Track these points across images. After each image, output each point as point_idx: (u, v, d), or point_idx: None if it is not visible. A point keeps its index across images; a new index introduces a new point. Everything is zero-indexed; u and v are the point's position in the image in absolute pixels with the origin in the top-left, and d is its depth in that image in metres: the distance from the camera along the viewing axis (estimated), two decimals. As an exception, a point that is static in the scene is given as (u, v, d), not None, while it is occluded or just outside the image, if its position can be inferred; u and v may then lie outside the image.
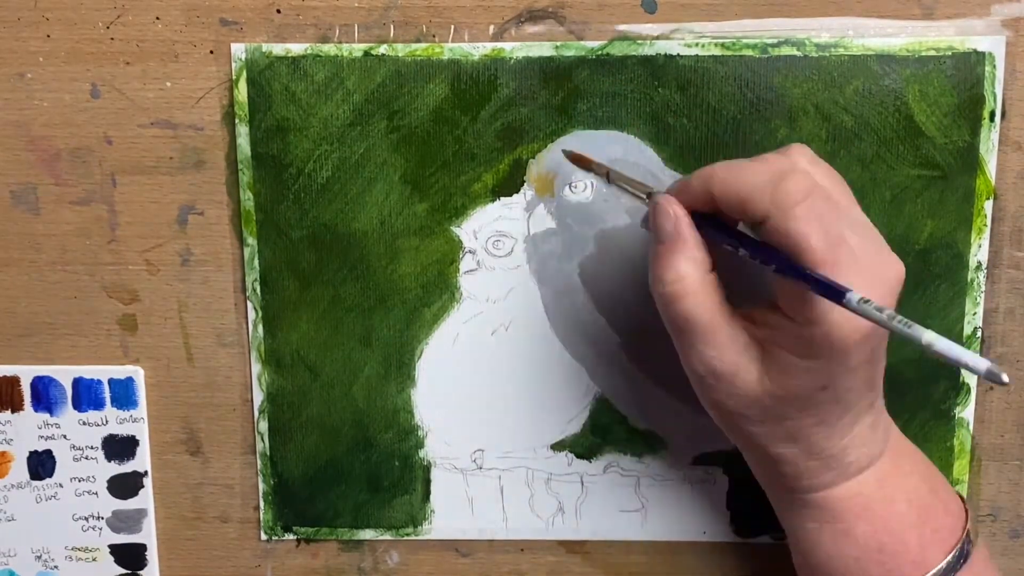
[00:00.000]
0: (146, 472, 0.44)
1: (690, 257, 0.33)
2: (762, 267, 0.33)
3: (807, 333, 0.31)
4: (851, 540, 0.35)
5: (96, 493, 0.44)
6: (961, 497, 0.37)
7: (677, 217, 0.34)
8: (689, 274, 0.33)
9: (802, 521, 0.36)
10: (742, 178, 0.32)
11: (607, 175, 0.39)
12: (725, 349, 0.33)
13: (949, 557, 0.34)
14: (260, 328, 0.42)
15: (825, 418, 0.33)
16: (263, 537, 0.45)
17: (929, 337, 0.28)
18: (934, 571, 0.34)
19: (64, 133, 0.41)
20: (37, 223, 0.42)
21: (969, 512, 0.36)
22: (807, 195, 0.31)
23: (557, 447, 0.43)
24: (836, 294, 0.30)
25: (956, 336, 0.41)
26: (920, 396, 0.42)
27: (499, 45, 0.39)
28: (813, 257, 0.31)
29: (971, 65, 0.39)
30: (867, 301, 0.29)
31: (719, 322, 0.33)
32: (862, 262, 0.31)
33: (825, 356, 0.32)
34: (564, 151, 0.40)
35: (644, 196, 0.37)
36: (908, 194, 0.40)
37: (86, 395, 0.43)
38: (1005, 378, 0.27)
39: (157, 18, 0.40)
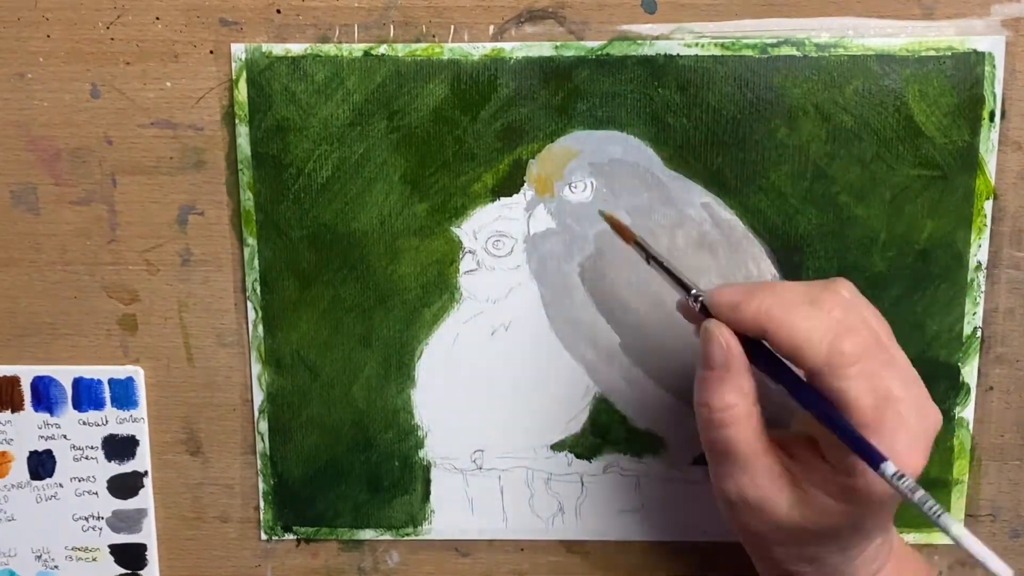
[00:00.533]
0: (146, 472, 0.44)
1: (738, 388, 0.33)
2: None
3: (847, 482, 0.32)
4: None
5: (96, 493, 0.44)
6: None
7: (729, 347, 0.33)
8: (736, 405, 0.33)
9: None
10: (798, 325, 0.32)
11: (647, 258, 0.37)
12: (760, 478, 0.33)
13: None
14: (260, 328, 0.42)
15: (846, 546, 0.34)
16: (263, 537, 0.45)
17: (957, 531, 0.29)
18: None
19: (64, 133, 0.41)
20: (37, 223, 0.42)
21: None
22: (861, 357, 0.31)
23: (557, 447, 0.43)
24: (874, 459, 0.30)
25: (955, 336, 0.41)
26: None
27: (499, 45, 0.39)
28: (861, 418, 0.31)
29: (971, 65, 0.39)
30: (902, 477, 0.30)
31: (758, 453, 0.33)
32: (907, 421, 0.31)
33: (864, 505, 0.32)
34: (602, 213, 0.39)
35: (685, 293, 0.35)
36: (908, 194, 0.40)
37: (86, 395, 0.43)
38: None
39: (157, 18, 0.40)
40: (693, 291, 0.35)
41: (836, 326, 0.32)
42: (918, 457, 0.31)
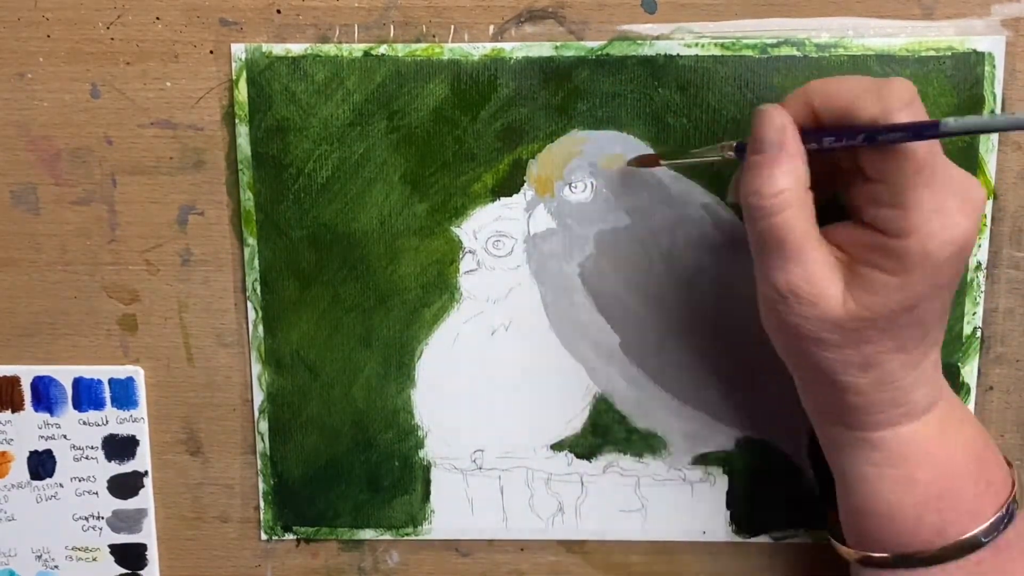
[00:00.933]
0: (146, 472, 0.44)
1: (792, 170, 0.32)
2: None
3: (900, 246, 0.31)
4: (912, 487, 0.34)
5: (96, 493, 0.44)
6: (1007, 459, 0.36)
7: (783, 127, 0.32)
8: (790, 188, 0.32)
9: (860, 463, 0.35)
10: (845, 85, 0.32)
11: (682, 163, 0.38)
12: (813, 267, 0.32)
13: (1000, 512, 0.34)
14: (260, 328, 0.42)
15: (905, 343, 0.33)
16: (263, 537, 0.45)
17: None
18: (986, 524, 0.34)
19: (64, 133, 0.41)
20: (37, 223, 0.42)
21: (1015, 471, 0.36)
22: (912, 99, 0.31)
23: (557, 447, 0.43)
24: (931, 126, 0.30)
25: (955, 336, 0.41)
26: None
27: (499, 45, 0.39)
28: (916, 160, 0.31)
29: (971, 65, 0.39)
30: (962, 120, 0.29)
31: (811, 241, 0.32)
32: (955, 176, 0.32)
33: (918, 269, 0.31)
34: (630, 163, 0.39)
35: (719, 150, 0.36)
36: (908, 194, 0.40)
37: (86, 395, 0.43)
38: None
39: (157, 18, 0.40)
40: (728, 145, 0.35)
41: (882, 80, 0.32)
42: (970, 217, 0.31)
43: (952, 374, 0.41)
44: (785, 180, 0.32)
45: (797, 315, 0.33)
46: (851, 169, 0.33)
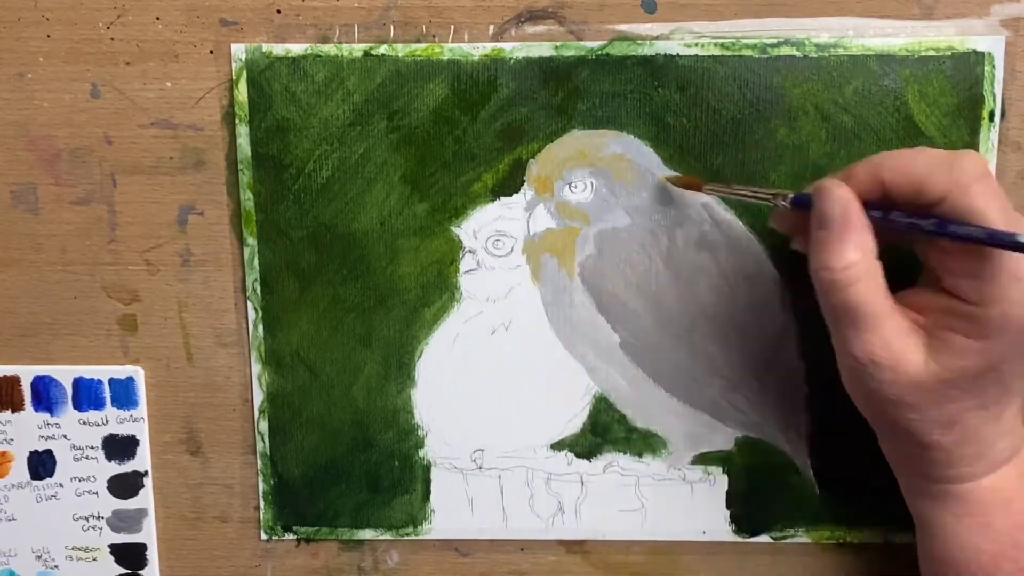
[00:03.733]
0: (146, 472, 0.44)
1: (859, 243, 0.33)
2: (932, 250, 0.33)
3: (981, 313, 0.31)
4: (990, 534, 0.34)
5: (96, 493, 0.44)
6: None
7: (847, 201, 0.33)
8: (859, 261, 0.32)
9: (940, 512, 0.35)
10: (916, 160, 0.33)
11: (729, 194, 0.37)
12: (890, 335, 0.33)
13: None
14: (260, 328, 0.42)
15: (986, 401, 0.33)
16: (263, 537, 0.45)
17: None
18: None
19: (64, 133, 0.41)
20: (37, 223, 0.42)
21: None
22: (984, 174, 0.32)
23: (557, 447, 0.43)
24: (1007, 237, 0.30)
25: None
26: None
27: (499, 45, 0.39)
28: (995, 228, 0.31)
29: (971, 65, 0.39)
30: None
31: (885, 309, 0.33)
32: None
33: (999, 335, 0.32)
34: (667, 179, 0.39)
35: (770, 197, 0.36)
36: (908, 194, 0.40)
37: (86, 395, 0.43)
38: None
39: (157, 18, 0.40)
40: (782, 193, 0.35)
41: (953, 154, 0.32)
42: None
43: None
44: (853, 254, 0.32)
45: (879, 381, 0.33)
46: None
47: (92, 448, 0.44)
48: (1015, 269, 0.31)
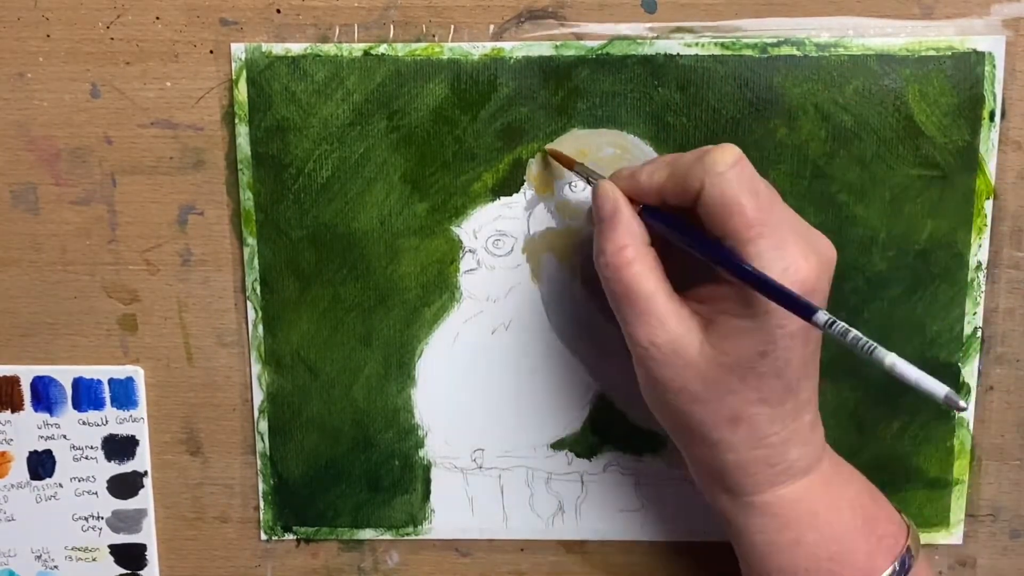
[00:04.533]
0: (146, 472, 0.44)
1: (628, 230, 0.35)
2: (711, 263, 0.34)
3: (750, 293, 0.32)
4: (802, 550, 0.34)
5: (96, 493, 0.44)
6: (899, 510, 0.37)
7: (616, 198, 0.35)
8: (629, 244, 0.34)
9: (750, 530, 0.35)
10: (681, 158, 0.34)
11: (574, 169, 0.39)
12: (667, 318, 0.34)
13: (894, 566, 0.34)
14: (260, 328, 0.42)
15: (767, 396, 0.33)
16: (263, 537, 0.45)
17: (891, 360, 0.28)
18: None
19: (64, 133, 0.41)
20: (37, 223, 0.42)
21: (911, 526, 0.36)
22: (736, 161, 0.33)
23: (557, 446, 0.43)
24: (804, 310, 0.30)
25: (955, 336, 0.41)
26: (920, 396, 0.41)
27: (499, 45, 0.40)
28: (746, 218, 0.32)
29: (971, 65, 0.39)
30: (833, 323, 0.29)
31: (662, 293, 0.34)
32: (796, 229, 0.33)
33: (765, 313, 0.32)
34: (543, 151, 0.40)
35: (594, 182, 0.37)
36: (908, 194, 0.40)
37: (86, 395, 0.43)
38: (963, 404, 0.28)
39: (157, 18, 0.40)
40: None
41: (710, 147, 0.34)
42: (812, 264, 0.32)
43: (952, 374, 0.41)
44: (623, 238, 0.35)
45: (660, 365, 0.34)
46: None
47: (92, 448, 0.44)
48: (776, 248, 0.32)
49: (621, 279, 0.34)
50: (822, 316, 0.30)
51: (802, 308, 0.30)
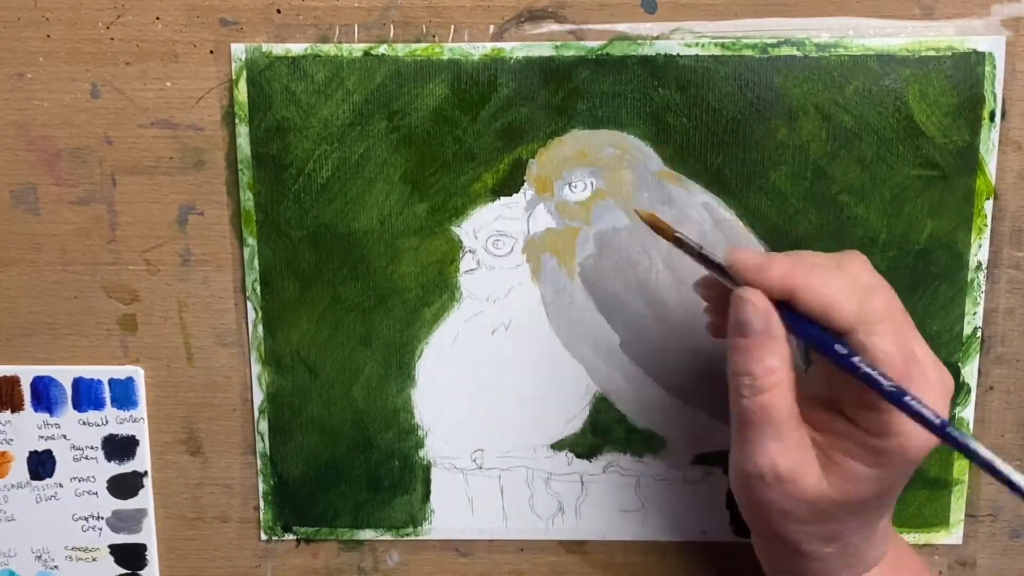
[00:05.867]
0: (146, 472, 0.44)
1: (779, 352, 0.33)
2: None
3: (879, 444, 0.32)
4: None
5: (96, 493, 0.44)
6: None
7: (768, 313, 0.33)
8: (778, 369, 0.33)
9: None
10: (828, 288, 0.32)
11: (692, 252, 0.35)
12: (794, 448, 0.33)
13: None
14: (260, 328, 0.42)
15: (870, 520, 0.34)
16: (263, 537, 0.44)
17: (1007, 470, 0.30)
18: None
19: (64, 133, 0.41)
20: (37, 223, 0.42)
21: None
22: (890, 314, 0.32)
23: (557, 447, 0.43)
24: (934, 425, 0.31)
25: (955, 336, 0.41)
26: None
27: (499, 45, 0.39)
28: (894, 373, 0.31)
29: (971, 65, 0.39)
30: (963, 434, 0.30)
31: (794, 421, 0.33)
32: (930, 378, 0.32)
33: (896, 466, 0.32)
34: (638, 212, 0.37)
35: (716, 264, 0.35)
36: (908, 194, 0.40)
37: (86, 395, 0.43)
38: None
39: (157, 18, 0.40)
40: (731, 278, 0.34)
41: (863, 285, 0.32)
42: (941, 410, 0.32)
43: (952, 374, 0.41)
44: (773, 361, 0.33)
45: (775, 492, 0.33)
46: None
47: (92, 448, 0.44)
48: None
49: (762, 404, 0.33)
50: (953, 430, 0.31)
51: (932, 424, 0.31)
